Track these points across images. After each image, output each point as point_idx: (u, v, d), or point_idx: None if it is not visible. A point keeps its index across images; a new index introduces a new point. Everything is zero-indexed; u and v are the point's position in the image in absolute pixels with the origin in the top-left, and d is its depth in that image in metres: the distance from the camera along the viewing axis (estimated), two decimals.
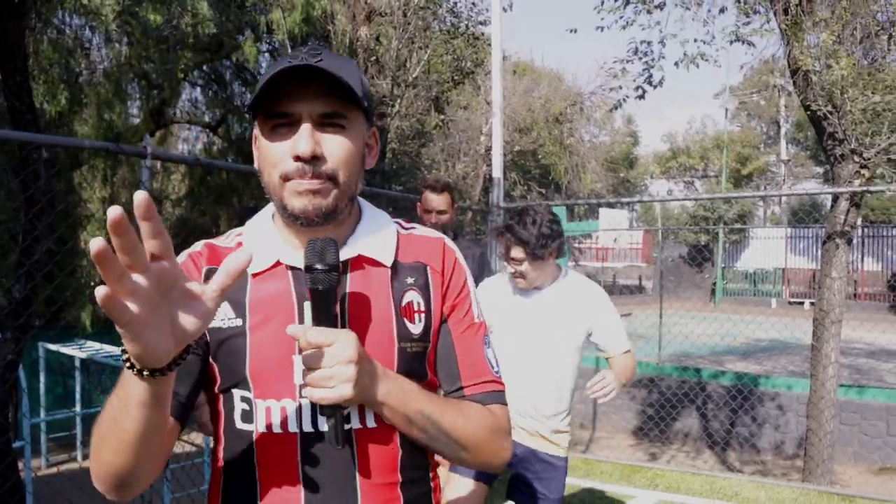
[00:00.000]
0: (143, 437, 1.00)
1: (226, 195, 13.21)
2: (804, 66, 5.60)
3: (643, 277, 28.61)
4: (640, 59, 6.31)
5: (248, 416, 1.20)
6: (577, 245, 24.36)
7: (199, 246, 1.28)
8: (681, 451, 9.39)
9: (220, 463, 1.24)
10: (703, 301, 23.25)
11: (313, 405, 1.16)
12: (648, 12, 6.10)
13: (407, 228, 1.35)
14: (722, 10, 6.28)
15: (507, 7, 9.11)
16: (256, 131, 1.22)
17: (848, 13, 5.40)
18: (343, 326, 1.16)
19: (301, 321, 1.17)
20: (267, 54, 13.14)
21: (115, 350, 6.53)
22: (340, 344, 1.05)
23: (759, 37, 5.97)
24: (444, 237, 1.37)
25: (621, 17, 6.29)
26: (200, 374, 1.21)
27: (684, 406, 9.68)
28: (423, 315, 1.26)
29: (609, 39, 45.21)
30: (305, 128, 1.12)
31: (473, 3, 10.47)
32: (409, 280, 1.27)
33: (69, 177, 11.40)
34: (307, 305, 1.11)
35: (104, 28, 9.87)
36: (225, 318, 1.20)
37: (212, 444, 1.30)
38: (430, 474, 1.31)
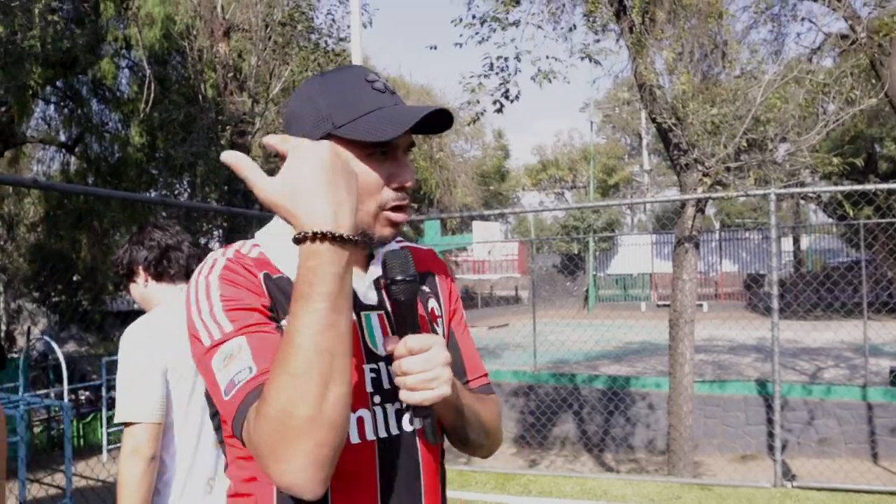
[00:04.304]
0: (351, 343, 1.02)
1: (85, 219, 12.53)
2: (649, 82, 5.95)
3: (519, 288, 29.31)
4: (497, 74, 6.52)
5: None
6: (453, 258, 24.67)
7: (230, 253, 1.22)
8: (559, 455, 9.66)
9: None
10: (577, 308, 24.09)
11: (385, 411, 1.21)
12: (503, 29, 6.31)
13: (400, 242, 1.40)
14: (571, 29, 6.57)
15: (366, 24, 9.18)
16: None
17: (686, 33, 5.78)
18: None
19: (363, 334, 1.22)
20: (126, 70, 12.59)
21: None
22: (437, 348, 1.11)
23: (604, 55, 6.29)
24: (433, 248, 1.49)
25: (477, 34, 6.48)
26: None
27: (561, 412, 9.97)
28: (440, 319, 1.37)
29: (476, 54, 46.17)
30: (406, 159, 1.23)
31: (333, 20, 10.49)
32: (427, 289, 1.37)
33: None
34: (364, 315, 1.22)
35: None
36: None
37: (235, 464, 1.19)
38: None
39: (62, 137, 13.87)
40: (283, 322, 1.14)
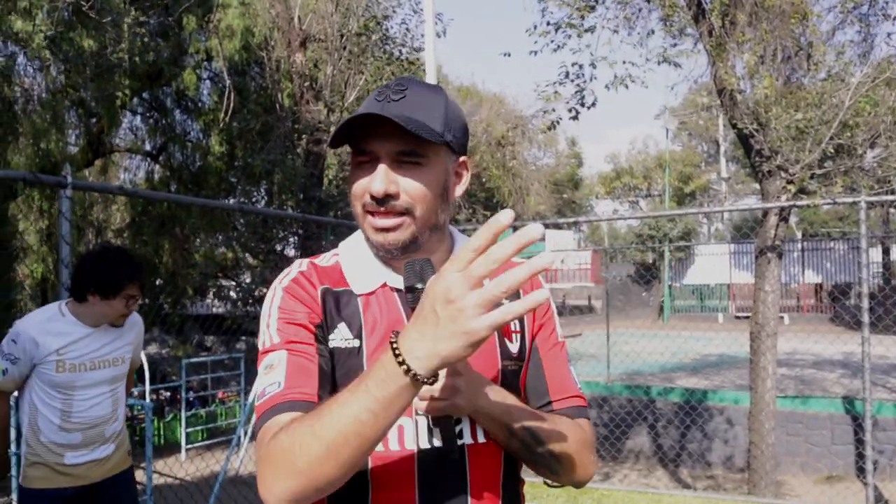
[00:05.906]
0: (375, 445, 1.05)
1: (168, 225, 12.96)
2: (729, 86, 5.76)
3: (592, 297, 28.80)
4: (572, 81, 6.43)
5: None
6: None
7: (304, 265, 1.32)
8: (633, 469, 9.43)
9: None
10: (651, 318, 23.55)
11: (429, 423, 1.22)
12: (578, 36, 6.23)
13: None
14: (650, 34, 6.44)
15: (440, 33, 9.25)
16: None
17: (769, 35, 5.57)
18: None
19: None
20: (208, 81, 13.00)
21: None
22: None
23: (684, 58, 6.13)
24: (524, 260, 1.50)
25: (552, 41, 6.42)
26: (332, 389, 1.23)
27: (636, 424, 9.74)
28: (518, 335, 1.34)
29: (552, 60, 45.90)
30: (381, 168, 1.20)
31: (407, 30, 10.61)
32: (504, 301, 1.29)
33: (3, 208, 11.05)
34: None
35: (36, 55, 9.64)
36: (342, 339, 1.24)
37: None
38: (521, 492, 1.35)
39: (147, 147, 14.41)
40: (332, 337, 1.23)
